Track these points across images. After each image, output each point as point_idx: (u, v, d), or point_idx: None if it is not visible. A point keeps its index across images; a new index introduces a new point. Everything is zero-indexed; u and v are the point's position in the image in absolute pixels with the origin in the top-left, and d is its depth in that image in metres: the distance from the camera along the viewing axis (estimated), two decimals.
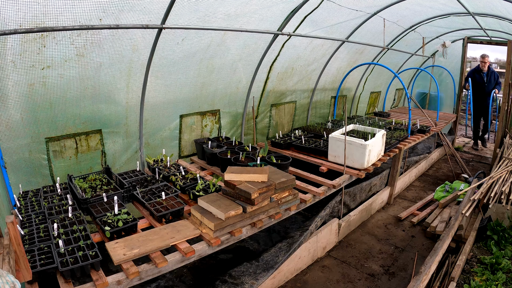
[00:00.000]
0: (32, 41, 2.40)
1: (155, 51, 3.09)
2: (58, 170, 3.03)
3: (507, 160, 4.47)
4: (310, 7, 3.89)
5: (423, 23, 5.97)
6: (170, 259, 2.16)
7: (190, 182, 3.08)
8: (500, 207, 3.74)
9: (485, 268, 3.14)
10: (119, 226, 2.31)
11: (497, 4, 4.54)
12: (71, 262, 1.92)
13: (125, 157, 3.51)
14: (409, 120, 4.92)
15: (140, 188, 2.90)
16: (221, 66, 3.92)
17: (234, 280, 2.69)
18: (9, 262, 1.58)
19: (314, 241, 3.41)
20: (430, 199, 4.97)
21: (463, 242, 3.54)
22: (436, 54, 7.91)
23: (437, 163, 7.00)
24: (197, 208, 2.51)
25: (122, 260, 2.03)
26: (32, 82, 2.59)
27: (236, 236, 2.47)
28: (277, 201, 2.70)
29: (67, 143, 3.02)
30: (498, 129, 5.82)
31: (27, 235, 2.18)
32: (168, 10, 2.81)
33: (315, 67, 5.31)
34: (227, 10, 3.24)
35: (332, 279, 3.21)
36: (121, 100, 3.23)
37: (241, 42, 3.83)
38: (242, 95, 4.47)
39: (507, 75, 5.54)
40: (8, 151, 2.68)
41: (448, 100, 8.42)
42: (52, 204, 2.58)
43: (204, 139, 4.11)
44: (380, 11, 4.74)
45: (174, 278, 3.07)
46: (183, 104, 3.82)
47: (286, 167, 3.45)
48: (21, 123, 2.69)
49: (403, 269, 3.38)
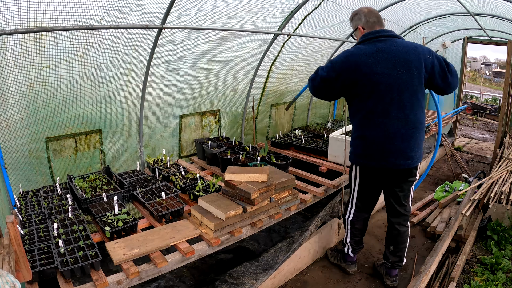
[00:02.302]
0: (32, 41, 2.40)
1: (155, 51, 3.09)
2: (57, 169, 3.03)
3: (507, 160, 4.47)
4: (310, 7, 3.89)
5: (423, 23, 5.97)
6: (170, 259, 2.16)
7: (190, 182, 3.08)
8: (500, 207, 3.74)
9: (485, 268, 3.14)
10: (119, 226, 2.31)
11: (497, 4, 4.54)
12: (71, 262, 1.92)
13: (125, 157, 3.51)
14: None
15: (140, 188, 2.90)
16: (221, 66, 3.92)
17: (234, 280, 2.69)
18: (9, 262, 1.58)
19: (314, 241, 3.41)
20: (430, 199, 4.97)
21: (463, 242, 3.54)
22: None
23: (437, 163, 7.00)
24: (197, 208, 2.51)
25: (122, 260, 2.03)
26: (32, 82, 2.59)
27: (236, 236, 2.47)
28: (277, 201, 2.70)
29: (67, 143, 3.02)
30: (498, 129, 5.82)
31: (27, 235, 2.18)
32: (168, 10, 2.81)
33: (315, 67, 5.30)
34: (227, 10, 3.24)
35: (332, 279, 3.20)
36: (121, 100, 3.23)
37: (241, 42, 3.83)
38: (242, 95, 4.47)
39: (507, 75, 5.54)
40: (8, 151, 2.68)
41: (448, 100, 8.42)
42: (52, 204, 2.58)
43: (204, 139, 4.11)
44: (380, 11, 4.73)
45: (174, 278, 3.07)
46: (183, 104, 3.82)
47: (286, 167, 3.46)
48: (21, 123, 2.69)
49: (403, 269, 3.38)
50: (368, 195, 2.88)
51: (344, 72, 2.45)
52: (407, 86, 2.41)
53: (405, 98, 2.43)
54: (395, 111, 2.43)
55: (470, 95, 18.72)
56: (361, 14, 2.66)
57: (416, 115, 2.48)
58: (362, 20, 2.64)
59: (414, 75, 2.41)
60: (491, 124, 12.22)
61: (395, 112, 2.43)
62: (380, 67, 2.39)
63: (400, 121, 2.44)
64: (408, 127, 2.46)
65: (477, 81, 29.13)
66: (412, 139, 2.50)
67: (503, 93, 5.80)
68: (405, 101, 2.43)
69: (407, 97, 2.43)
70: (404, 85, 2.41)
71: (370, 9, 2.69)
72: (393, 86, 2.40)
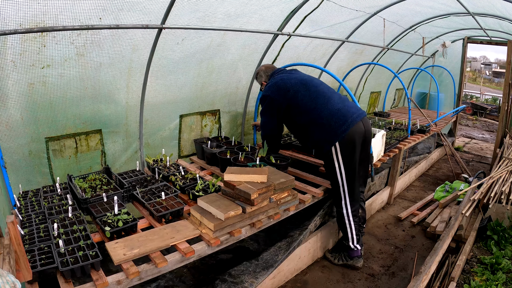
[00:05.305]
0: (32, 40, 2.40)
1: (155, 51, 3.09)
2: (57, 169, 3.03)
3: (507, 160, 4.47)
4: (310, 7, 3.89)
5: (423, 23, 5.97)
6: (170, 259, 2.16)
7: (189, 182, 3.08)
8: (500, 207, 3.74)
9: (485, 268, 3.14)
10: (119, 226, 2.31)
11: (497, 4, 4.55)
12: (71, 262, 1.92)
13: (125, 157, 3.51)
14: (409, 120, 4.92)
15: (140, 188, 2.90)
16: (221, 66, 3.92)
17: (234, 279, 2.69)
18: (9, 262, 1.58)
19: (314, 241, 3.41)
20: (430, 199, 4.97)
21: (463, 242, 3.55)
22: (436, 54, 7.91)
23: (437, 163, 7.00)
24: (196, 208, 2.51)
25: (122, 260, 2.03)
26: (32, 82, 2.59)
27: (236, 236, 2.47)
28: (277, 201, 2.70)
29: (67, 143, 3.02)
30: (498, 129, 5.82)
31: (27, 235, 2.18)
32: (168, 10, 2.81)
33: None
34: (227, 10, 3.24)
35: (332, 279, 3.21)
36: (121, 100, 3.23)
37: (241, 42, 3.83)
38: (242, 95, 4.47)
39: (507, 75, 5.54)
40: (8, 151, 2.67)
41: (448, 100, 8.42)
42: (52, 204, 2.58)
43: (203, 139, 4.11)
44: (380, 11, 4.74)
45: (174, 278, 3.07)
46: (183, 104, 3.82)
47: (286, 168, 3.46)
48: (21, 123, 2.69)
49: (403, 269, 3.38)
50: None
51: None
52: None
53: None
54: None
55: (470, 95, 18.74)
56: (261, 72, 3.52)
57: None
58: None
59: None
60: (491, 124, 12.22)
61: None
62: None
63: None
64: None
65: (477, 81, 29.14)
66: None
67: (503, 93, 5.81)
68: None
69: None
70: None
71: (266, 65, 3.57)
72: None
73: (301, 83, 3.14)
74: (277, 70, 3.44)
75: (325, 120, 2.98)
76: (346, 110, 3.00)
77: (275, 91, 3.14)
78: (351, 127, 2.92)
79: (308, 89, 3.12)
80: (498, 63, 24.24)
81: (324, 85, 3.25)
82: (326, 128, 2.97)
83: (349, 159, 2.99)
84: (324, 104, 3.03)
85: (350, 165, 3.01)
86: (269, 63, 3.59)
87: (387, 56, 6.72)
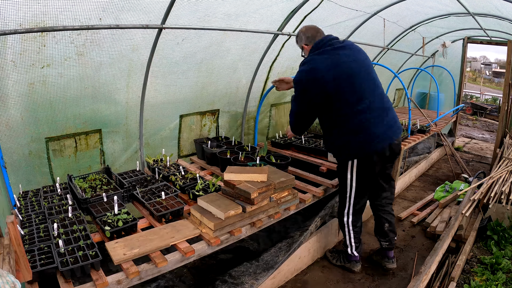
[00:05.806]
0: (32, 39, 2.40)
1: (155, 51, 3.09)
2: (57, 169, 3.03)
3: (507, 160, 4.47)
4: (310, 7, 3.89)
5: (423, 23, 5.97)
6: (170, 258, 2.16)
7: (189, 181, 3.08)
8: (500, 207, 3.74)
9: (485, 268, 3.14)
10: (119, 226, 2.31)
11: (497, 4, 4.55)
12: (71, 262, 1.92)
13: (125, 157, 3.51)
14: (409, 120, 4.91)
15: (140, 188, 2.90)
16: (221, 66, 3.92)
17: (234, 280, 2.69)
18: (9, 262, 1.58)
19: (314, 241, 3.41)
20: (430, 199, 4.97)
21: (463, 242, 3.54)
22: (436, 54, 7.91)
23: (437, 163, 7.00)
24: (196, 208, 2.51)
25: (122, 260, 2.03)
26: (32, 82, 2.59)
27: (236, 236, 2.47)
28: (277, 200, 2.70)
29: (66, 143, 3.02)
30: (498, 129, 5.82)
31: (27, 235, 2.18)
32: (168, 10, 2.81)
33: None
34: (227, 10, 3.24)
35: (332, 279, 3.21)
36: (121, 100, 3.23)
37: (241, 42, 3.83)
38: (242, 95, 4.47)
39: (507, 75, 5.54)
40: (8, 151, 2.67)
41: (448, 100, 8.42)
42: (52, 204, 2.58)
43: (203, 138, 4.12)
44: (380, 11, 4.74)
45: (174, 278, 3.07)
46: (183, 104, 3.82)
47: (286, 167, 3.46)
48: (21, 123, 2.69)
49: (403, 269, 3.38)
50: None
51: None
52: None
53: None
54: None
55: (470, 95, 18.74)
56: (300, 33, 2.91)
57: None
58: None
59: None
60: (491, 124, 12.22)
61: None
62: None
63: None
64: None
65: (477, 81, 29.14)
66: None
67: (503, 93, 5.80)
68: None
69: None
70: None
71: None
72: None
73: (347, 75, 2.56)
74: (321, 39, 2.72)
75: (351, 130, 2.67)
76: (377, 128, 2.67)
77: (310, 80, 2.57)
78: (375, 148, 2.69)
79: (353, 87, 2.59)
80: (498, 63, 24.23)
81: (371, 81, 2.70)
82: (350, 139, 2.71)
83: (363, 176, 2.86)
84: (359, 112, 2.62)
85: (362, 181, 2.88)
86: (310, 24, 2.91)
87: (387, 56, 6.72)
